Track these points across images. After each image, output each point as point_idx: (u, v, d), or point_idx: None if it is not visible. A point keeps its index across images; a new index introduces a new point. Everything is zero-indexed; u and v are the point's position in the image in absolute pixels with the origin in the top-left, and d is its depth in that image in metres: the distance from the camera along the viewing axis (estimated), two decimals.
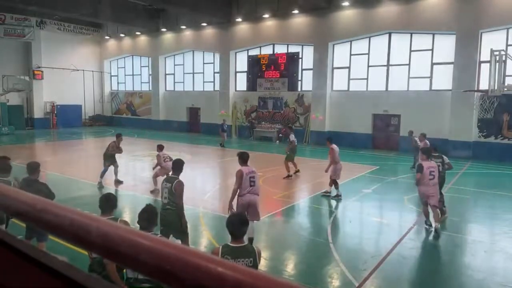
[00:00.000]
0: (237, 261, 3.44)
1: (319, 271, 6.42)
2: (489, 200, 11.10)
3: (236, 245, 3.60)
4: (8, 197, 0.83)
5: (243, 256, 3.54)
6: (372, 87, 21.56)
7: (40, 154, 20.17)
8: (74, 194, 10.79)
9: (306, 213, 10.10)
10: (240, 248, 3.59)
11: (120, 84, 35.80)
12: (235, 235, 3.63)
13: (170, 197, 5.73)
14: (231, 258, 3.46)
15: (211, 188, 12.04)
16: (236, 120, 27.00)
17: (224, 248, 3.60)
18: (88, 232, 0.67)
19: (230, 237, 3.69)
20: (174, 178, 5.93)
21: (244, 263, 3.49)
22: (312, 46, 23.02)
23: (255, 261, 3.59)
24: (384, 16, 20.41)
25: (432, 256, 7.30)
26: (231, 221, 3.71)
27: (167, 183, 5.87)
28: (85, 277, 0.70)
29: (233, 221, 3.71)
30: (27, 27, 29.38)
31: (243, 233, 3.69)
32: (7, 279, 0.76)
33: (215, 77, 28.31)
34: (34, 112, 31.23)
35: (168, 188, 5.79)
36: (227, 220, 3.81)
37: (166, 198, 5.78)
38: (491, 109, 17.66)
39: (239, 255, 3.53)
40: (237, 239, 3.63)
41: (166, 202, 5.78)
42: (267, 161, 17.21)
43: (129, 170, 15.59)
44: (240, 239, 3.65)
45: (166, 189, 5.81)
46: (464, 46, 18.11)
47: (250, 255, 3.58)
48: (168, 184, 5.83)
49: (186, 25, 28.35)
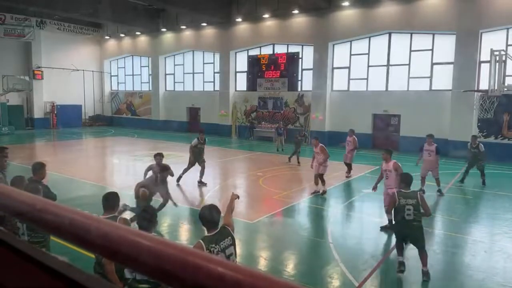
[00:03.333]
0: (220, 245, 3.71)
1: (319, 271, 6.42)
2: (489, 200, 11.10)
3: (213, 233, 3.79)
4: (8, 197, 0.83)
5: (222, 239, 3.76)
6: (372, 87, 21.56)
7: (40, 154, 20.17)
8: (74, 194, 10.78)
9: (306, 213, 10.10)
10: (218, 234, 3.79)
11: (120, 84, 35.79)
12: (210, 226, 3.81)
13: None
14: (215, 245, 3.68)
15: (211, 188, 12.04)
16: (236, 120, 27.00)
17: (205, 240, 3.76)
18: (88, 232, 0.67)
19: (206, 229, 3.85)
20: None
21: (225, 244, 3.74)
22: (312, 46, 23.02)
23: (233, 238, 3.86)
24: (384, 16, 20.41)
25: (432, 256, 7.29)
26: (203, 214, 3.84)
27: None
28: (85, 277, 0.70)
29: (205, 213, 3.84)
30: (27, 27, 29.38)
31: (217, 221, 3.83)
32: (7, 279, 0.76)
33: (215, 77, 28.31)
34: (34, 112, 31.22)
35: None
36: (199, 213, 3.90)
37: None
38: (491, 109, 17.66)
39: (219, 239, 3.75)
40: (211, 228, 3.81)
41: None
42: (267, 161, 17.20)
43: (129, 170, 15.60)
44: (215, 228, 3.82)
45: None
46: (464, 46, 18.11)
47: (228, 235, 3.83)
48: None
49: (186, 25, 28.34)
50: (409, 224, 5.86)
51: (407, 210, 5.81)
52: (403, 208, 5.84)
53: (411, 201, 5.86)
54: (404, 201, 5.86)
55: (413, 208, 5.83)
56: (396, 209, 5.93)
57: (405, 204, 5.84)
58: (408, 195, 5.92)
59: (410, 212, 5.79)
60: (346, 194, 11.80)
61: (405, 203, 5.84)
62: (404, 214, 5.82)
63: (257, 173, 14.28)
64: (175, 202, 8.51)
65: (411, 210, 5.81)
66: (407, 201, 5.85)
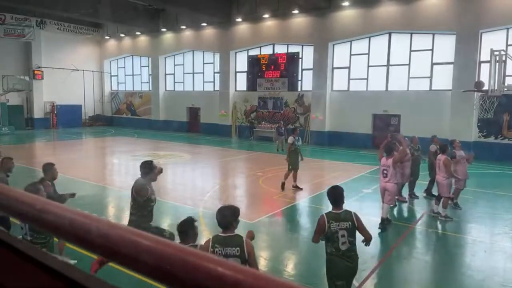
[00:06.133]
0: (225, 249, 3.68)
1: (319, 271, 6.42)
2: (489, 200, 11.09)
3: (225, 235, 3.77)
4: (8, 197, 0.83)
5: (231, 245, 3.70)
6: (372, 87, 21.56)
7: (40, 154, 20.17)
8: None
9: (306, 213, 10.10)
10: (229, 238, 3.75)
11: (120, 84, 35.80)
12: (222, 225, 3.81)
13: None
14: (220, 247, 3.69)
15: (211, 188, 12.04)
16: (236, 120, 27.00)
17: (214, 238, 3.80)
18: (88, 232, 0.67)
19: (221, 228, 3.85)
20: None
21: (231, 251, 3.68)
22: (312, 46, 23.02)
23: (242, 251, 3.70)
24: (384, 16, 20.41)
25: (432, 256, 7.30)
26: (219, 212, 3.84)
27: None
28: (85, 277, 0.70)
29: (216, 214, 3.85)
30: (27, 27, 29.38)
31: (228, 223, 3.79)
32: (7, 279, 0.76)
33: (215, 77, 28.30)
34: (34, 112, 31.22)
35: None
36: (217, 212, 3.89)
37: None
38: (491, 109, 17.65)
39: (228, 244, 3.71)
40: (224, 229, 3.80)
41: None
42: (267, 161, 17.20)
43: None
44: (229, 230, 3.79)
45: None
46: (464, 46, 18.11)
47: (238, 245, 3.72)
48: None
49: (186, 25, 28.34)
50: (345, 255, 4.43)
51: (341, 237, 4.40)
52: (335, 235, 4.42)
53: (345, 224, 4.45)
54: (336, 225, 4.44)
55: (347, 233, 4.44)
56: (327, 237, 4.47)
57: (338, 230, 4.42)
58: (340, 217, 4.49)
59: (345, 240, 4.41)
60: (346, 194, 11.79)
61: (338, 228, 4.43)
62: (338, 243, 4.41)
63: (257, 173, 14.28)
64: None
65: (345, 237, 4.42)
66: (339, 225, 4.44)
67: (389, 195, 8.30)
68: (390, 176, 8.22)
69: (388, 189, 8.28)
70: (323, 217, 4.53)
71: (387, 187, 8.29)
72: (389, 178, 8.24)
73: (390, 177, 8.22)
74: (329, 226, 4.41)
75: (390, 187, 8.27)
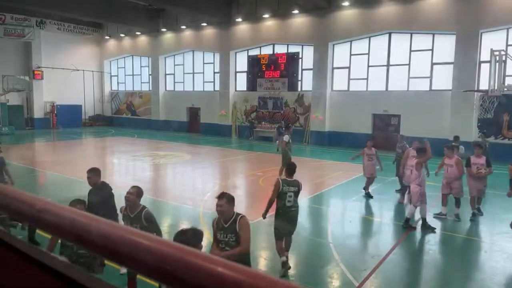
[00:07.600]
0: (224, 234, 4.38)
1: (319, 271, 6.42)
2: (489, 200, 11.09)
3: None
4: (8, 197, 0.83)
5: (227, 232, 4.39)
6: (372, 87, 21.56)
7: (40, 154, 20.18)
8: (74, 194, 10.76)
9: (306, 213, 10.10)
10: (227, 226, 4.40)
11: (120, 84, 35.80)
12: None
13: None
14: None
15: (211, 188, 12.04)
16: (236, 120, 27.00)
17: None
18: (88, 232, 0.67)
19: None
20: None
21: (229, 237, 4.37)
22: (312, 46, 23.02)
23: (237, 235, 4.31)
24: (384, 16, 20.41)
25: (432, 256, 7.30)
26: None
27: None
28: (85, 277, 0.70)
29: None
30: (27, 27, 29.38)
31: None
32: (7, 279, 0.76)
33: (215, 77, 28.30)
34: (34, 112, 31.22)
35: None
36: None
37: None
38: (491, 109, 17.66)
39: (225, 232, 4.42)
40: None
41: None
42: (267, 161, 17.20)
43: (129, 170, 15.60)
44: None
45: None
46: (464, 46, 18.11)
47: (233, 231, 4.32)
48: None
49: (186, 25, 28.34)
50: (288, 209, 6.13)
51: (288, 197, 6.08)
52: (285, 195, 6.09)
53: (293, 188, 6.14)
54: (287, 188, 6.09)
55: (294, 195, 6.14)
56: (279, 195, 6.13)
57: (287, 192, 6.09)
58: (291, 183, 6.16)
59: (291, 199, 6.10)
60: (346, 194, 11.79)
61: (288, 190, 6.08)
62: (285, 201, 6.08)
63: (257, 173, 14.28)
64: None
65: (292, 197, 6.11)
66: (289, 189, 6.10)
67: (414, 196, 8.36)
68: (414, 178, 8.36)
69: (411, 190, 8.51)
70: (279, 181, 6.15)
71: (411, 188, 8.50)
72: (413, 179, 8.40)
73: (413, 179, 8.37)
74: (283, 188, 6.06)
75: (412, 188, 8.44)
